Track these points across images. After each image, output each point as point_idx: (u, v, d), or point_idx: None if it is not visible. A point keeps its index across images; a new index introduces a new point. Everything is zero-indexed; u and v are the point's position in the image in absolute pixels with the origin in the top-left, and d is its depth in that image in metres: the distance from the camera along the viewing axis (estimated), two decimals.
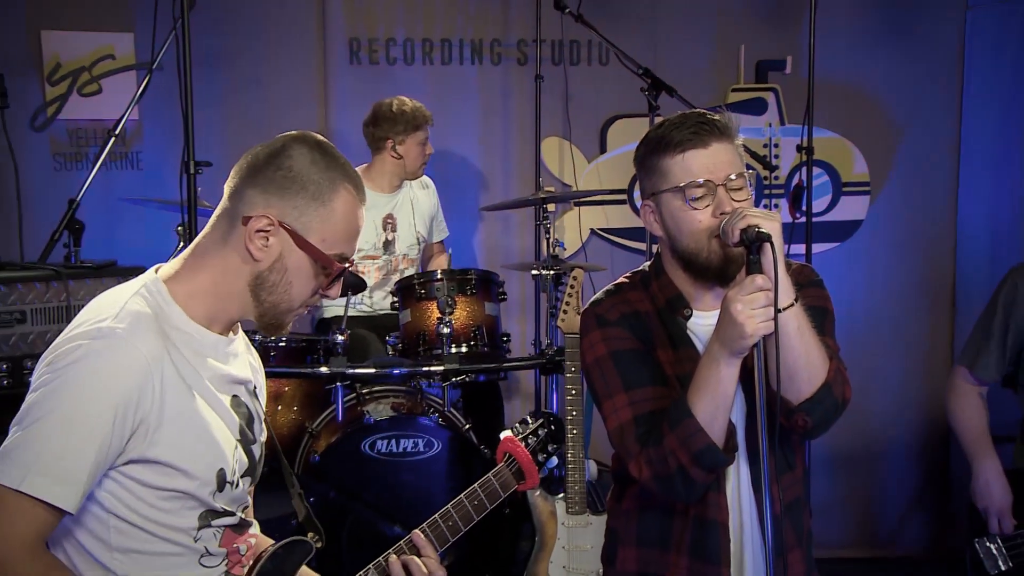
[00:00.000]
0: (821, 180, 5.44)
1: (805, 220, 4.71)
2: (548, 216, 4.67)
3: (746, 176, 2.26)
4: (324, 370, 4.24)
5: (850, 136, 5.52)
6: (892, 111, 5.52)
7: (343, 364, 4.22)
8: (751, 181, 2.29)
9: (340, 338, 4.24)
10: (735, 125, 2.30)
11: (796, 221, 4.79)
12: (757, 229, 2.06)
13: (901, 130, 5.52)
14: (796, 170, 5.31)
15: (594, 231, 5.63)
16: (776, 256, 2.05)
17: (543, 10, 5.20)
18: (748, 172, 2.28)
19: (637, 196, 5.48)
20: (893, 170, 5.55)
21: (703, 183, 2.22)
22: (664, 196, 2.28)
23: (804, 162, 4.66)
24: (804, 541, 2.43)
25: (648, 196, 2.33)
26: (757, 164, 4.92)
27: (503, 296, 4.62)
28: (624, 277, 2.49)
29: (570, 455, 3.99)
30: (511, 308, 5.30)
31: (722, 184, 2.23)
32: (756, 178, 3.61)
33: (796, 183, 5.01)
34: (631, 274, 2.49)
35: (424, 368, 4.27)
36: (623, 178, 5.56)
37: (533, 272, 4.62)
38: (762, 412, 2.04)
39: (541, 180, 5.34)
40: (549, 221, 4.65)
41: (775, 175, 5.41)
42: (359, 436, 4.16)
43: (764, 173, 5.23)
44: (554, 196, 4.76)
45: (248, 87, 5.37)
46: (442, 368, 4.25)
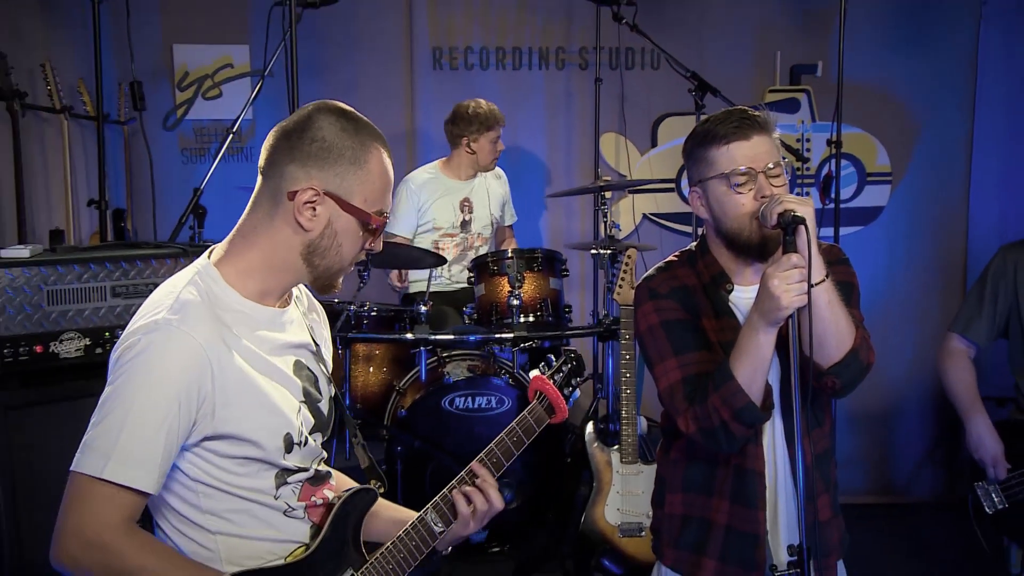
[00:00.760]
0: (848, 171, 5.36)
1: (834, 206, 4.66)
2: (605, 202, 4.66)
3: (783, 165, 2.24)
4: (409, 336, 4.27)
5: (874, 132, 5.43)
6: (912, 109, 5.42)
7: (426, 331, 4.24)
8: (787, 170, 2.27)
9: (423, 309, 4.26)
10: (773, 121, 2.27)
11: (826, 207, 4.76)
12: (793, 213, 2.03)
13: (920, 126, 5.42)
14: (826, 162, 5.23)
15: (646, 215, 5.60)
16: (809, 237, 2.02)
17: (602, 21, 5.21)
18: (783, 161, 2.25)
19: (684, 184, 5.46)
20: (912, 162, 5.45)
21: (746, 171, 2.19)
22: (711, 183, 2.25)
23: (833, 155, 4.61)
24: (831, 488, 2.40)
25: (696, 183, 2.30)
26: (791, 156, 4.84)
27: (566, 272, 4.61)
28: (673, 256, 2.46)
29: (624, 412, 3.97)
30: (572, 283, 5.28)
31: (762, 171, 2.20)
32: (791, 168, 3.58)
33: (826, 173, 4.96)
34: (679, 253, 2.46)
35: (496, 335, 4.28)
36: (672, 169, 5.53)
37: (592, 251, 4.60)
38: (796, 375, 2.02)
39: (599, 171, 5.36)
40: (606, 206, 4.63)
41: (807, 166, 5.33)
42: (440, 394, 4.19)
43: (797, 164, 5.16)
44: (611, 185, 4.73)
45: (345, 90, 5.39)
46: (512, 335, 4.26)
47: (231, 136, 4.30)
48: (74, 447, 1.78)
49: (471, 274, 4.63)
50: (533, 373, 2.29)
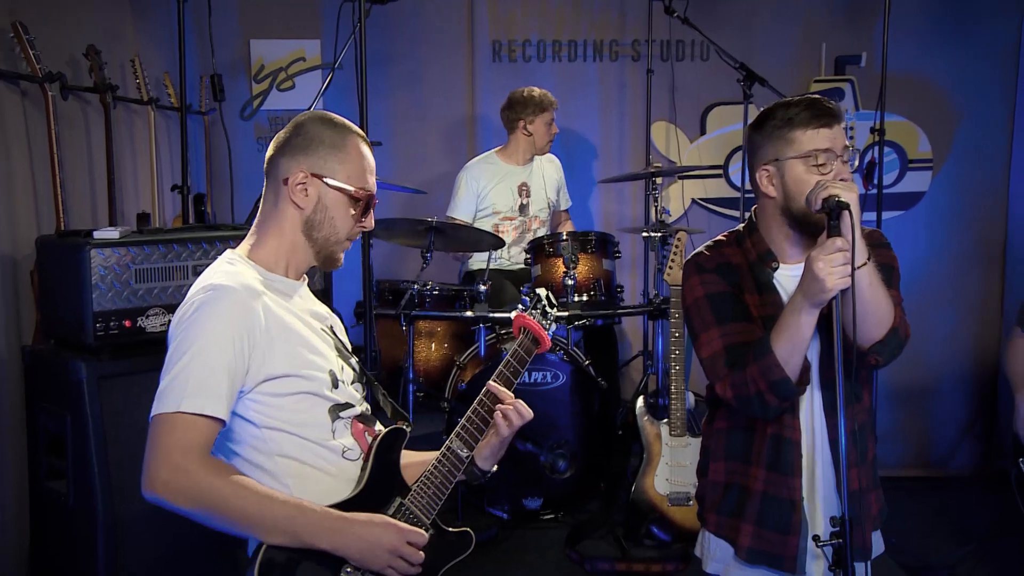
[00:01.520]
0: (890, 158, 5.28)
1: (877, 191, 4.59)
2: (656, 187, 4.63)
3: (850, 152, 2.26)
4: (469, 314, 4.29)
5: (916, 120, 5.33)
6: (953, 99, 5.31)
7: (485, 309, 4.26)
8: (852, 158, 2.29)
9: (483, 288, 4.27)
10: (843, 112, 2.29)
11: (869, 192, 4.69)
12: (837, 198, 2.02)
13: (961, 115, 5.31)
14: (869, 149, 5.14)
15: (695, 200, 5.56)
16: (853, 222, 2.01)
17: (654, 14, 5.20)
18: (849, 150, 2.26)
19: (733, 170, 5.43)
20: (952, 149, 5.35)
21: (828, 152, 2.21)
22: (789, 162, 2.24)
23: (876, 142, 4.52)
24: (868, 460, 2.38)
25: (770, 162, 2.28)
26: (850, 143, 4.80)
27: (618, 254, 4.60)
28: (722, 235, 2.46)
29: (673, 387, 3.96)
30: (624, 264, 5.28)
31: (840, 156, 2.22)
32: (854, 154, 3.56)
33: (869, 160, 4.88)
34: (728, 233, 2.46)
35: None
36: (720, 156, 5.49)
37: (643, 234, 4.59)
38: (839, 353, 1.99)
39: (650, 157, 5.34)
40: (657, 191, 4.61)
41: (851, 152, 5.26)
42: None
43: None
44: (661, 171, 4.70)
45: (410, 82, 5.43)
46: (567, 313, 4.26)
47: None
48: None
49: (528, 256, 4.63)
50: (515, 312, 2.37)
